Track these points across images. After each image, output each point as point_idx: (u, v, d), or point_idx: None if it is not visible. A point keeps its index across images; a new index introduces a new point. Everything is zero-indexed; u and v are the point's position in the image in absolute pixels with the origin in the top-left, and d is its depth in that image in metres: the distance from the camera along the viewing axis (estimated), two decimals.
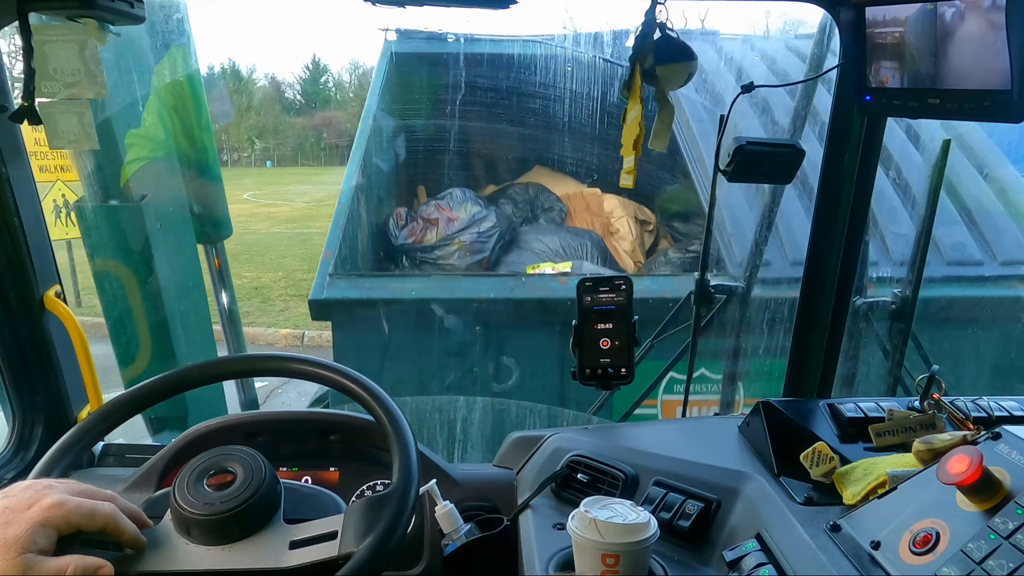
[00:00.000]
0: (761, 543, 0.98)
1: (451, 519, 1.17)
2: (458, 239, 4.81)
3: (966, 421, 1.12)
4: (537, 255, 4.80)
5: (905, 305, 2.25)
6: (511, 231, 5.03)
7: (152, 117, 3.21)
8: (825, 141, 1.42)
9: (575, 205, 5.69)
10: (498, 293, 3.88)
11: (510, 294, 3.88)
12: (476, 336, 3.94)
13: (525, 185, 5.89)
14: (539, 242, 4.90)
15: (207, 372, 1.10)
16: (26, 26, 1.16)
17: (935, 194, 1.85)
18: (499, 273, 4.57)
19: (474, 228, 4.87)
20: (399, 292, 3.94)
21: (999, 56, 0.93)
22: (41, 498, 0.80)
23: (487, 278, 4.31)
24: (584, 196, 5.73)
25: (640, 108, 1.31)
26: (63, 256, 7.67)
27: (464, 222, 4.91)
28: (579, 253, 4.79)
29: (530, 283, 4.04)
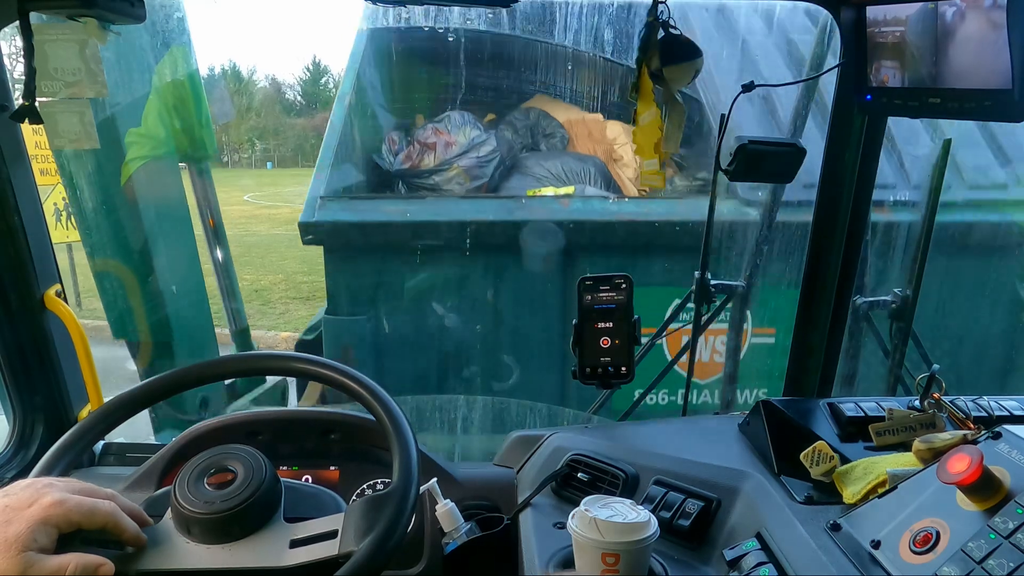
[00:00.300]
0: (761, 542, 0.98)
1: (451, 518, 1.17)
2: (456, 164, 4.56)
3: (966, 420, 1.12)
4: (538, 180, 4.59)
5: (905, 305, 2.25)
6: (512, 156, 4.80)
7: (153, 116, 3.22)
8: (825, 141, 1.42)
9: (577, 132, 5.44)
10: (498, 215, 3.75)
11: (510, 216, 3.75)
12: (475, 263, 3.80)
13: (526, 111, 5.59)
14: (540, 167, 4.67)
15: (207, 371, 1.10)
16: (27, 26, 1.16)
17: (935, 194, 1.85)
18: (499, 195, 4.37)
19: (473, 153, 4.58)
20: (394, 215, 3.79)
21: (1000, 55, 0.93)
22: (41, 496, 0.80)
23: (486, 200, 4.14)
24: (586, 123, 5.46)
25: (655, 110, 1.31)
26: (63, 258, 7.68)
27: (463, 146, 4.62)
28: (582, 178, 4.59)
29: (531, 205, 3.91)
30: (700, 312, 2.07)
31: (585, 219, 3.74)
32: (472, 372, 4.01)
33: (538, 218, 3.73)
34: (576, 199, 4.02)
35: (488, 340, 3.96)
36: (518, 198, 4.12)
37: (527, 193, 4.39)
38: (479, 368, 4.01)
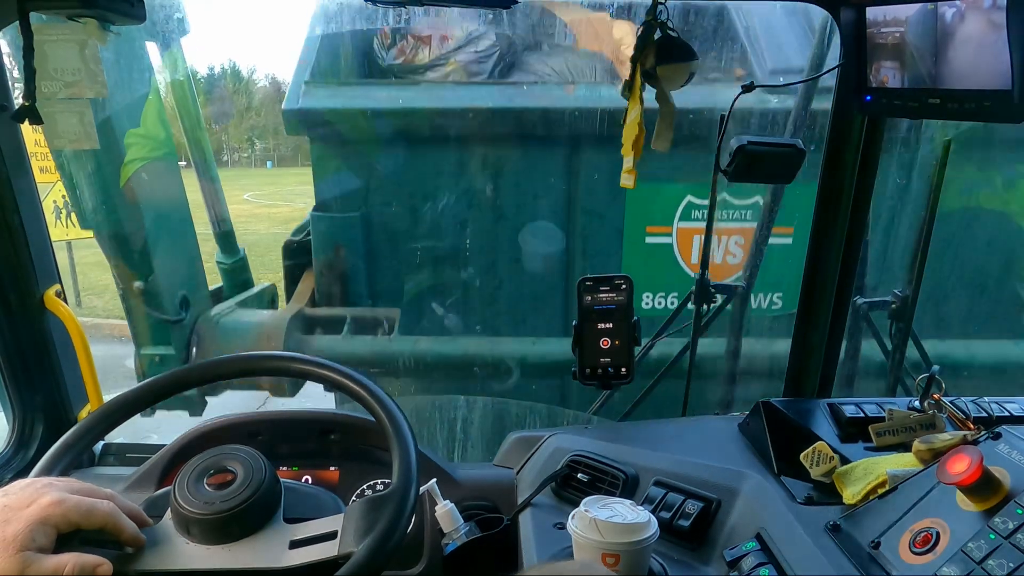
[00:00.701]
0: (761, 543, 0.98)
1: (451, 518, 1.17)
2: (453, 59, 4.27)
3: (966, 421, 1.12)
4: (541, 79, 4.30)
5: (905, 305, 2.25)
6: (512, 54, 4.49)
7: (152, 117, 3.22)
8: (825, 141, 1.41)
9: (582, 31, 5.18)
10: (498, 103, 3.54)
11: (511, 103, 3.55)
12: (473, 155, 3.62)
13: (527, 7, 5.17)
14: (543, 64, 4.32)
15: (207, 371, 1.10)
16: (27, 26, 1.16)
17: (936, 194, 1.85)
18: (499, 81, 4.08)
19: (471, 47, 4.27)
20: (386, 102, 3.55)
21: (1000, 56, 0.93)
22: (40, 496, 0.80)
23: (486, 87, 3.85)
24: (592, 22, 5.01)
25: (640, 108, 1.31)
26: (63, 256, 7.68)
27: (460, 40, 4.32)
28: (587, 76, 4.30)
29: (533, 92, 3.66)
30: (700, 312, 2.07)
31: (590, 107, 3.55)
32: (470, 274, 3.88)
33: (541, 106, 3.53)
34: (581, 85, 3.78)
35: (487, 239, 3.79)
36: (519, 84, 3.86)
37: None
38: (476, 269, 3.87)
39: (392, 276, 3.90)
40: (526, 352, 3.73)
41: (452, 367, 3.77)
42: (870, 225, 2.66)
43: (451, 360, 3.76)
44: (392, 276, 3.90)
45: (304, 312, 3.90)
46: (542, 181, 3.70)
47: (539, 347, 3.77)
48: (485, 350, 3.77)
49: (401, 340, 3.77)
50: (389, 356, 3.71)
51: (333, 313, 3.90)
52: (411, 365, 3.70)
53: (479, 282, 3.88)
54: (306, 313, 3.90)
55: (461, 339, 3.87)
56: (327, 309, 3.92)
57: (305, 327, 3.86)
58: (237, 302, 4.11)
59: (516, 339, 3.84)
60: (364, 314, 3.88)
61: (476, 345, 3.82)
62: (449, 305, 3.92)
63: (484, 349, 3.78)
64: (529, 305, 3.93)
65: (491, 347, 3.79)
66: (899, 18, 1.10)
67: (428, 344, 3.77)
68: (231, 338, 3.75)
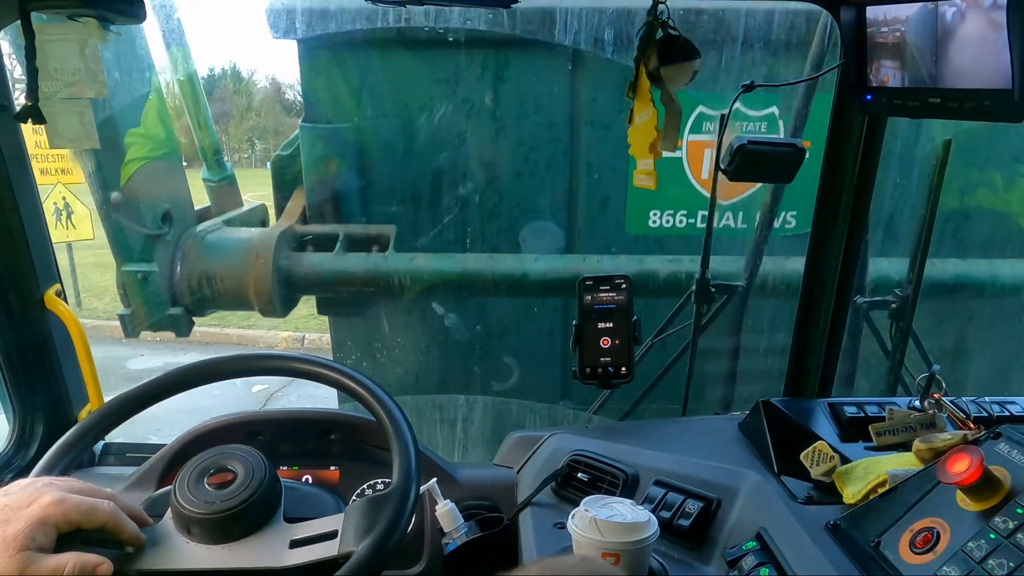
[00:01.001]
0: (761, 542, 0.98)
1: (451, 518, 1.17)
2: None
3: (966, 421, 1.12)
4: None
5: (905, 305, 2.25)
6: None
7: (152, 116, 3.21)
8: (825, 141, 1.41)
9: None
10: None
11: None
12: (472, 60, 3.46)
13: None
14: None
15: (207, 371, 1.10)
16: (29, 26, 1.16)
17: (935, 194, 1.85)
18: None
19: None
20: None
21: (1000, 55, 0.93)
22: (41, 496, 0.80)
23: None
24: None
25: (652, 111, 1.30)
26: (63, 258, 7.68)
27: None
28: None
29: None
30: (700, 312, 2.07)
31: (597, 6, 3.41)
32: (468, 190, 3.76)
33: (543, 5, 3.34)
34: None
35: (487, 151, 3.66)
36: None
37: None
38: (476, 184, 3.74)
39: (387, 191, 3.76)
40: (528, 269, 3.61)
41: (450, 285, 3.66)
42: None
43: (449, 277, 3.63)
44: (387, 191, 3.76)
45: (295, 229, 3.76)
46: (545, 91, 3.56)
47: (541, 264, 3.64)
48: (485, 267, 3.63)
49: (396, 257, 3.65)
50: (384, 274, 3.59)
51: (325, 230, 3.77)
52: (407, 283, 3.59)
53: (478, 198, 3.76)
54: (297, 230, 3.77)
55: (459, 256, 3.73)
56: (318, 226, 3.79)
57: (296, 244, 3.73)
58: (225, 220, 3.97)
59: (517, 256, 3.71)
60: (358, 231, 3.75)
61: (475, 262, 3.67)
62: (447, 222, 3.77)
63: (484, 266, 3.64)
64: (531, 221, 3.80)
65: (491, 264, 3.65)
66: (899, 17, 1.10)
67: (425, 261, 3.64)
68: (217, 255, 3.63)
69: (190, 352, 7.42)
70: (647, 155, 1.32)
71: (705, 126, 3.48)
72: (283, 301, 3.69)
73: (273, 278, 3.58)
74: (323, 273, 3.64)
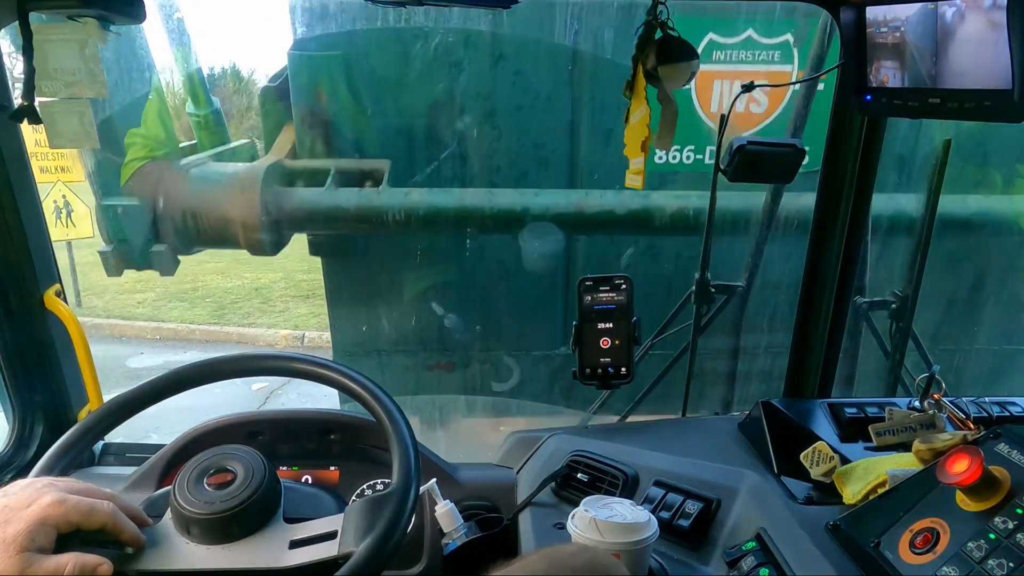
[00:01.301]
0: (761, 542, 0.98)
1: (451, 518, 1.17)
2: None
3: (966, 421, 1.12)
4: None
5: (905, 305, 2.25)
6: None
7: (153, 116, 3.20)
8: (825, 141, 1.41)
9: None
10: None
11: None
12: None
13: None
14: None
15: (206, 371, 1.10)
16: (27, 25, 1.16)
17: (935, 194, 1.85)
18: None
19: None
20: None
21: (1000, 55, 0.92)
22: (40, 496, 0.80)
23: None
24: None
25: (647, 109, 1.30)
26: (63, 257, 7.68)
27: None
28: None
29: None
30: (700, 312, 2.07)
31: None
32: (466, 123, 3.59)
33: None
34: None
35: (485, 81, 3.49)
36: None
37: None
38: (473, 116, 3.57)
39: (380, 126, 3.60)
40: (528, 204, 3.47)
41: (447, 221, 3.51)
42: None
43: (446, 213, 3.49)
44: (380, 126, 3.60)
45: (283, 164, 3.60)
46: (547, 20, 3.42)
47: (542, 199, 3.49)
48: (483, 202, 3.49)
49: (390, 192, 3.48)
50: (377, 210, 3.44)
51: (315, 165, 3.60)
52: (401, 219, 3.44)
53: (476, 132, 3.61)
54: (285, 165, 3.60)
55: (456, 190, 3.56)
56: (308, 161, 3.62)
57: (284, 179, 3.57)
58: (211, 155, 3.80)
59: (517, 190, 3.55)
60: (350, 166, 3.59)
61: (473, 197, 3.52)
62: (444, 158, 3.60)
63: (482, 201, 3.49)
64: (531, 156, 3.64)
65: (490, 199, 3.50)
66: (899, 17, 1.09)
67: (420, 196, 3.48)
68: (202, 188, 3.49)
69: (190, 352, 7.43)
70: (638, 154, 1.33)
71: (715, 55, 3.33)
72: (271, 238, 3.53)
73: (260, 213, 3.43)
74: (313, 208, 3.49)
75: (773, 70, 3.35)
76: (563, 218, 3.46)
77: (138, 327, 8.17)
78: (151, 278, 9.88)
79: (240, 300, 9.20)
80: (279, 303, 9.23)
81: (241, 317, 8.61)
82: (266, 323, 8.51)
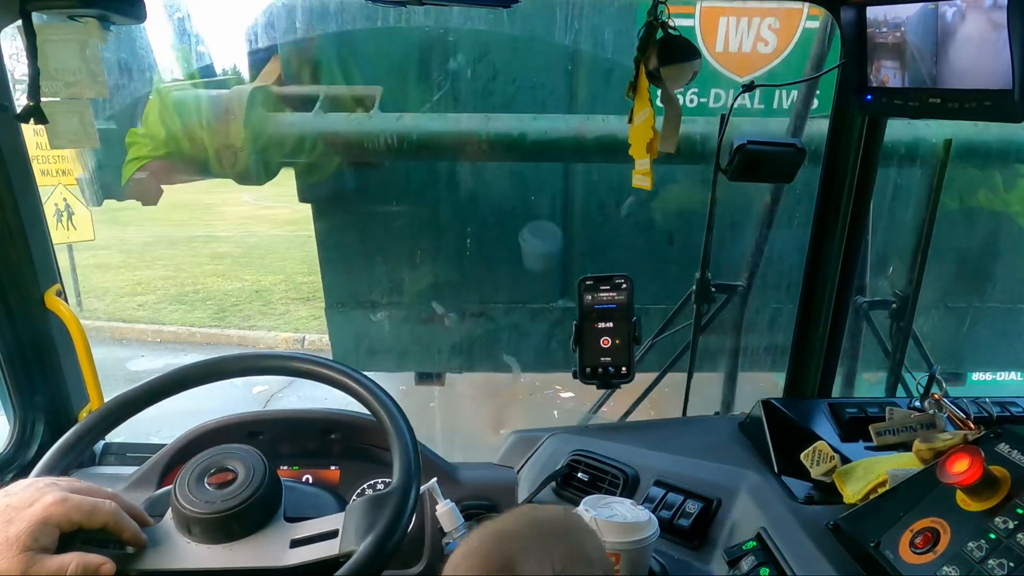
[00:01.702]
0: (761, 542, 0.98)
1: (452, 518, 1.17)
2: None
3: (967, 421, 1.12)
4: None
5: (905, 305, 2.25)
6: None
7: (153, 116, 3.18)
8: (825, 141, 1.41)
9: None
10: None
11: None
12: None
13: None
14: None
15: (207, 371, 1.10)
16: (30, 26, 1.16)
17: (936, 194, 1.85)
18: None
19: None
20: None
21: (1000, 55, 0.93)
22: (42, 496, 0.80)
23: None
24: None
25: (651, 111, 1.31)
26: (64, 259, 7.68)
27: None
28: None
29: None
30: (700, 312, 2.07)
31: None
32: (461, 63, 3.49)
33: None
34: None
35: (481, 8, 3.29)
36: None
37: None
38: (468, 57, 3.47)
39: (369, 57, 3.48)
40: (526, 128, 3.32)
41: (441, 147, 3.38)
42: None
43: (440, 138, 3.35)
44: (369, 57, 3.48)
45: (270, 89, 3.47)
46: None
47: (540, 123, 3.34)
48: (479, 127, 3.33)
49: (382, 117, 3.34)
50: (368, 134, 3.30)
51: (304, 91, 3.46)
52: (394, 144, 3.31)
53: (473, 70, 3.52)
54: (272, 89, 3.47)
55: (451, 115, 3.40)
56: (296, 88, 3.48)
57: (271, 104, 3.44)
58: (193, 83, 3.68)
59: (514, 115, 3.40)
60: (339, 91, 3.46)
61: (468, 121, 3.36)
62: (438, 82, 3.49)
63: (478, 126, 3.34)
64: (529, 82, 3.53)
65: (486, 124, 3.35)
66: (900, 18, 1.10)
67: (413, 121, 3.33)
68: (184, 112, 3.35)
69: (190, 353, 7.43)
70: (644, 155, 1.33)
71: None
72: (258, 166, 3.39)
73: (246, 138, 3.29)
74: (302, 134, 3.35)
75: (783, 6, 3.20)
76: (562, 143, 3.31)
77: (138, 330, 8.17)
78: (151, 280, 9.92)
79: (241, 302, 9.21)
80: (280, 305, 9.24)
81: (242, 320, 8.62)
82: (267, 326, 8.51)
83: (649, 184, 1.35)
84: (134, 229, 12.44)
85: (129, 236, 12.02)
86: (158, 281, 9.94)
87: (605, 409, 2.22)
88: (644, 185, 1.35)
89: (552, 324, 3.98)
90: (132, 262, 10.90)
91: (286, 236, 13.13)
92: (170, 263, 10.93)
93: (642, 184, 1.36)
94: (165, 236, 12.39)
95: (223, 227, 13.84)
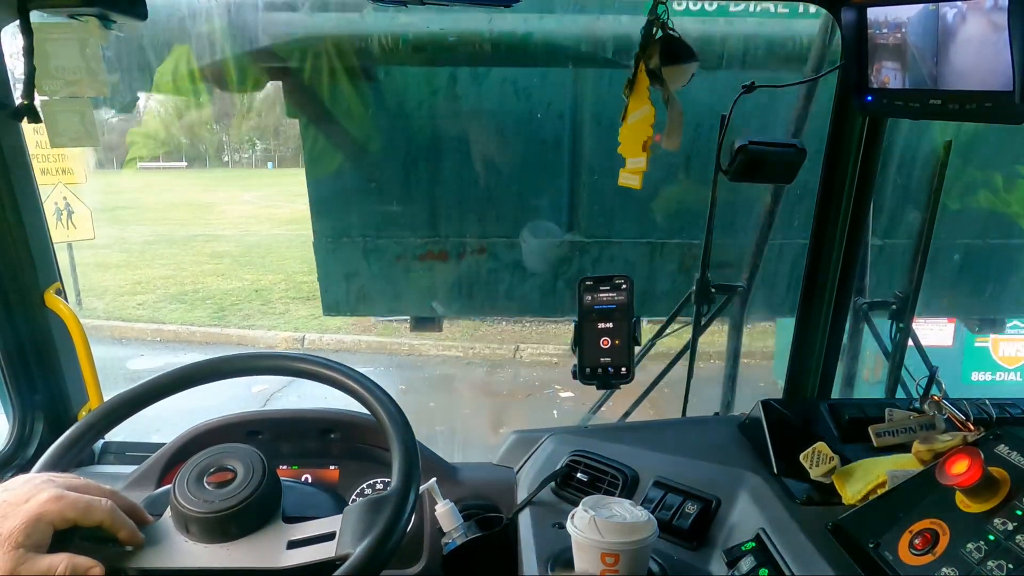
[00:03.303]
0: (760, 543, 0.98)
1: (451, 518, 1.17)
2: None
3: (966, 422, 1.12)
4: None
5: (905, 305, 2.25)
6: None
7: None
8: (825, 141, 1.41)
9: None
10: None
11: None
12: None
13: None
14: None
15: (207, 370, 1.10)
16: (27, 24, 1.16)
17: (936, 195, 1.85)
18: None
19: None
20: None
21: (1001, 57, 0.93)
22: (38, 492, 0.80)
23: None
24: None
25: (650, 109, 1.30)
26: (64, 258, 7.68)
27: None
28: None
29: None
30: (700, 312, 2.07)
31: None
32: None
33: None
34: None
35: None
36: None
37: None
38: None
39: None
40: (532, 29, 3.14)
41: (440, 48, 3.18)
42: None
43: (440, 38, 3.15)
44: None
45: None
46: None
47: (547, 23, 3.17)
48: (482, 26, 3.14)
49: (376, 15, 3.14)
50: (361, 34, 3.12)
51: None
52: (388, 46, 3.12)
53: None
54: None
55: (451, 14, 3.18)
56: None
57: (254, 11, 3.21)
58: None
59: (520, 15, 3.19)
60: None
61: (470, 20, 3.16)
62: None
63: (480, 25, 3.15)
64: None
65: (488, 24, 3.17)
66: (900, 18, 1.10)
67: (409, 18, 3.11)
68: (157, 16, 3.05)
69: (190, 353, 7.43)
70: (639, 153, 1.32)
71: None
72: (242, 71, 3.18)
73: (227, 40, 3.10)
74: (288, 34, 3.13)
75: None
76: (571, 45, 3.15)
77: (138, 329, 8.17)
78: (151, 279, 9.92)
79: (240, 302, 9.21)
80: (279, 305, 9.23)
81: (241, 319, 8.61)
82: (266, 325, 8.51)
83: (639, 184, 1.34)
84: (134, 228, 12.45)
85: (129, 235, 12.01)
86: (158, 280, 9.94)
87: (605, 409, 2.22)
88: (633, 184, 1.34)
89: (559, 260, 3.77)
90: (132, 261, 10.90)
91: (286, 235, 13.14)
92: (170, 262, 10.92)
93: (631, 183, 1.35)
94: (165, 235, 12.39)
95: (223, 226, 13.83)
